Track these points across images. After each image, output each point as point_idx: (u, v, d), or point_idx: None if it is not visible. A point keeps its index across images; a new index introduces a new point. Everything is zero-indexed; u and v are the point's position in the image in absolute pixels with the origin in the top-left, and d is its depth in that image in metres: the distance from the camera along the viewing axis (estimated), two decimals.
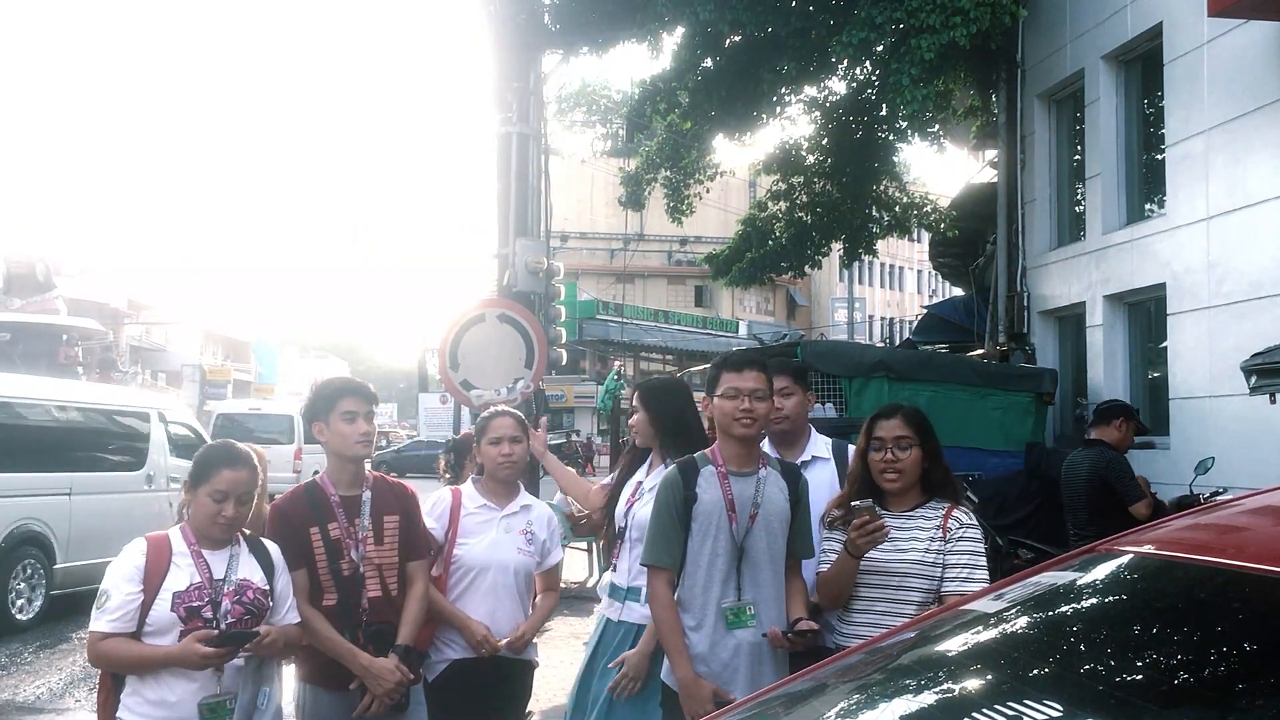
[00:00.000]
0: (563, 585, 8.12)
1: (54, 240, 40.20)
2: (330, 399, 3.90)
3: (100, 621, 3.31)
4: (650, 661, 3.90)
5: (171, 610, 3.33)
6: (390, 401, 76.89)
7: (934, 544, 3.59)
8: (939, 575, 3.56)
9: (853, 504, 3.52)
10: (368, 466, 4.04)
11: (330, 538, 3.80)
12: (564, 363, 12.57)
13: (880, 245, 18.63)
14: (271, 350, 76.87)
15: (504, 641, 4.15)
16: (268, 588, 3.55)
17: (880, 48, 11.94)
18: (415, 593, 3.91)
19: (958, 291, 19.22)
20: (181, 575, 3.39)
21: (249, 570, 3.53)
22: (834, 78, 16.11)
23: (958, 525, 3.62)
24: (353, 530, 3.82)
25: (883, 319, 53.53)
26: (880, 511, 3.51)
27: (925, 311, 20.05)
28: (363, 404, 3.89)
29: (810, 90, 16.31)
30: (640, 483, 4.22)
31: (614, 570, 4.29)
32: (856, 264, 23.51)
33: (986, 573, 3.58)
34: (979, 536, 3.65)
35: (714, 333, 47.49)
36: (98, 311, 39.97)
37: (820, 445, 4.28)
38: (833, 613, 3.76)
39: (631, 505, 4.18)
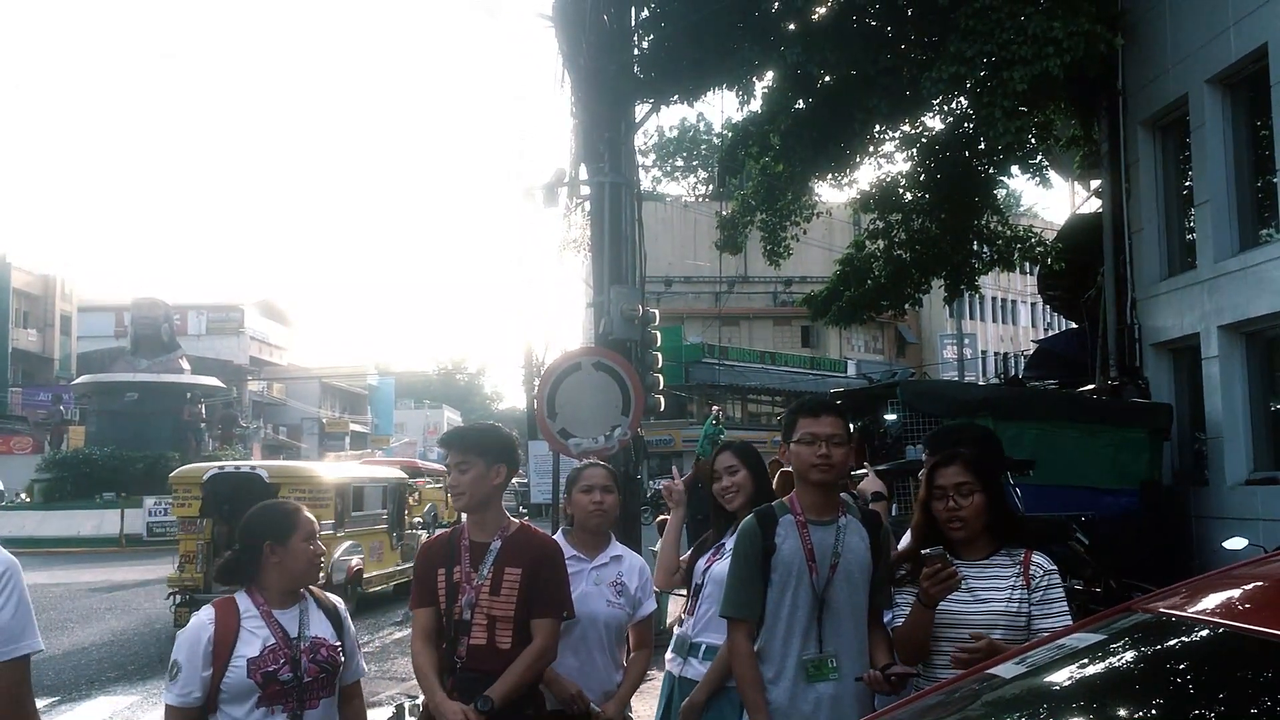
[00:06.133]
0: (662, 630, 8.06)
1: (178, 295, 41.95)
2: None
3: (170, 695, 3.38)
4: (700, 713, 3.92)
5: (248, 678, 3.34)
6: None
7: (1016, 592, 3.47)
8: (1025, 625, 3.44)
9: (922, 552, 3.41)
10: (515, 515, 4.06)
11: (452, 580, 3.82)
12: (662, 409, 12.51)
13: (991, 279, 18.29)
14: (387, 402, 78.68)
15: (597, 710, 4.08)
16: (338, 644, 3.58)
17: (971, 82, 11.75)
18: (529, 649, 3.74)
19: (1072, 325, 18.67)
20: (253, 640, 3.41)
21: (320, 627, 3.57)
22: (929, 113, 15.90)
23: (1041, 572, 3.51)
24: (472, 577, 3.81)
25: (995, 354, 52.35)
26: (953, 561, 3.41)
27: (1037, 346, 19.58)
28: (450, 456, 3.90)
29: (905, 127, 16.11)
30: (723, 543, 4.18)
31: (680, 624, 4.28)
32: (966, 299, 23.05)
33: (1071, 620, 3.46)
34: (1060, 582, 3.53)
35: (822, 373, 46.92)
36: (220, 369, 41.57)
37: None
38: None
39: (712, 564, 4.15)
